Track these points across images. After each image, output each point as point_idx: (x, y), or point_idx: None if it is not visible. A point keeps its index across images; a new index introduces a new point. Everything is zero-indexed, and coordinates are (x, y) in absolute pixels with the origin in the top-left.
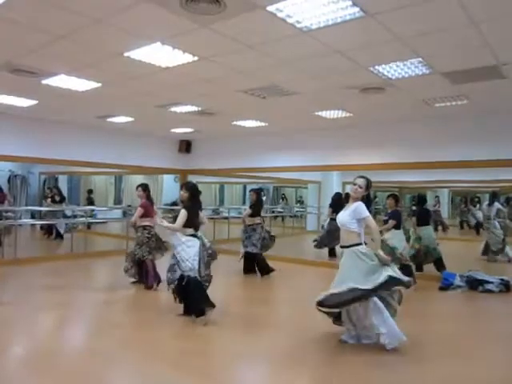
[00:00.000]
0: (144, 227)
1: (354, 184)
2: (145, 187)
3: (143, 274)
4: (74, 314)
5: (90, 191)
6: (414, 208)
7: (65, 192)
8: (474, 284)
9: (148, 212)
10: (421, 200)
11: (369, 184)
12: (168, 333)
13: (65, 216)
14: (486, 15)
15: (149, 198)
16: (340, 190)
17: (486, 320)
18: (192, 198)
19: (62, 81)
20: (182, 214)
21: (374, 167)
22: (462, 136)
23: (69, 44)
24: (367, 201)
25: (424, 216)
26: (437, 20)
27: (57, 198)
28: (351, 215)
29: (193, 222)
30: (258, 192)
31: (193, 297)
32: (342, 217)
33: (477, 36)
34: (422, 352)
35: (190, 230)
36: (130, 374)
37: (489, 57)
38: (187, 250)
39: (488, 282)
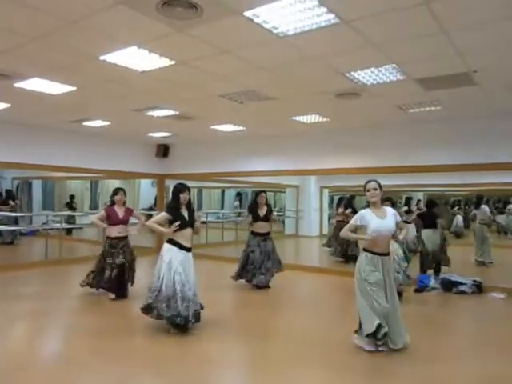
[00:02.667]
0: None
1: (368, 190)
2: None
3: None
4: (48, 322)
5: (72, 197)
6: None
7: (39, 197)
8: (448, 286)
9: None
10: (430, 203)
11: (380, 184)
12: (145, 340)
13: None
14: (456, 24)
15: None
16: (317, 195)
17: (462, 320)
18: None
19: (35, 84)
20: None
21: (350, 171)
22: (436, 141)
23: (42, 46)
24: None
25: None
26: (409, 27)
27: None
28: (394, 221)
29: None
30: (257, 193)
31: None
32: (387, 224)
33: (447, 44)
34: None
35: None
36: (106, 382)
37: (459, 64)
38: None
39: (461, 284)
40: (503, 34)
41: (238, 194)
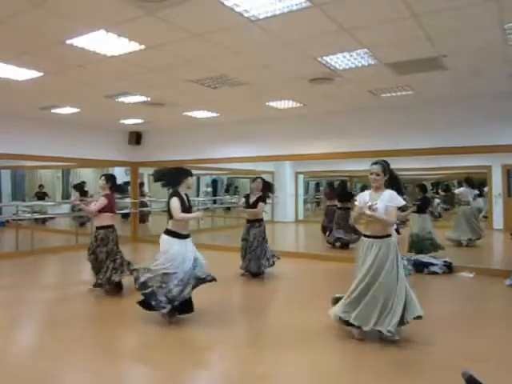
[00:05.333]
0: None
1: (371, 173)
2: (109, 177)
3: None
4: (22, 313)
5: (41, 186)
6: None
7: (8, 187)
8: (419, 267)
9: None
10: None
11: (386, 168)
12: (125, 330)
13: None
14: (426, 8)
15: (113, 191)
16: (292, 180)
17: (434, 300)
18: None
19: (1, 70)
20: None
21: (324, 157)
22: (408, 125)
23: (7, 30)
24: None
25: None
26: (380, 12)
27: None
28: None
29: None
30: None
31: None
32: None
33: (418, 28)
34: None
35: None
36: (83, 372)
37: (430, 48)
38: None
39: (433, 265)
40: (471, 20)
41: (214, 182)
